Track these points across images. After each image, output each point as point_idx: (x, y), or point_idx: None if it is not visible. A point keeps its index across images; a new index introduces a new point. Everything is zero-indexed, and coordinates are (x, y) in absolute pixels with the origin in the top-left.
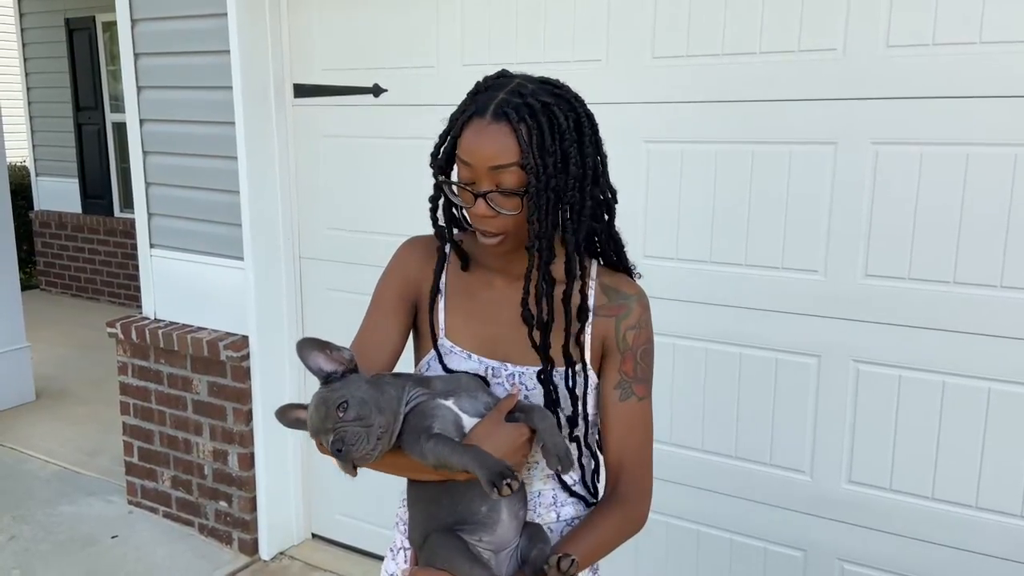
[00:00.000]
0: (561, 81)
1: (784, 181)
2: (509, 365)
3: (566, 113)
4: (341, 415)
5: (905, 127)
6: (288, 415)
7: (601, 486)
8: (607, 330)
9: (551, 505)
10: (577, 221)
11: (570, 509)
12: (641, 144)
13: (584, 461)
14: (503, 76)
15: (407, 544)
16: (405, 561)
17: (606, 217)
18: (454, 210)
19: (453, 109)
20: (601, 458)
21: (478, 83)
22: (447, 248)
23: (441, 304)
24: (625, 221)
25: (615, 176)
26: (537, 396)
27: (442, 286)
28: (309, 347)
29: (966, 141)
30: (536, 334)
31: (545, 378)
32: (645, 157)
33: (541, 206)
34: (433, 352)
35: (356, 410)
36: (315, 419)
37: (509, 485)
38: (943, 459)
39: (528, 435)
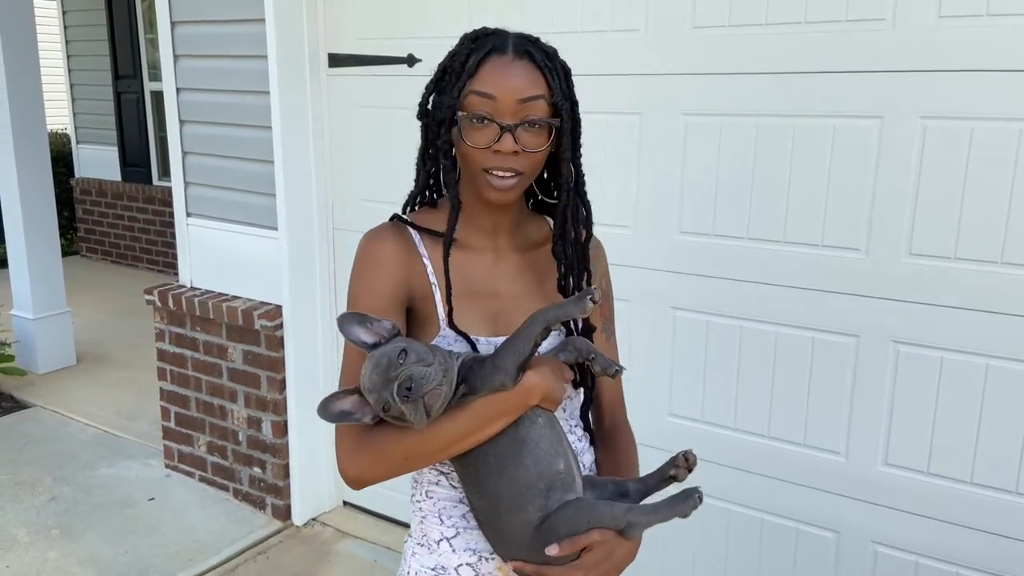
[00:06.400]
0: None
1: (826, 156)
2: None
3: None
4: (402, 361)
5: (956, 101)
6: (330, 408)
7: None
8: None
9: (580, 453)
10: (577, 166)
11: (588, 456)
12: (679, 116)
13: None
14: (495, 31)
15: (448, 534)
16: (453, 551)
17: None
18: (444, 175)
19: None
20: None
21: (468, 33)
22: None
23: (437, 294)
24: (660, 195)
25: (653, 148)
26: None
27: (433, 274)
28: (349, 321)
29: (1020, 117)
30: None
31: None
32: (683, 130)
33: (569, 143)
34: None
35: (416, 355)
36: (374, 376)
37: (592, 299)
38: (983, 443)
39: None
